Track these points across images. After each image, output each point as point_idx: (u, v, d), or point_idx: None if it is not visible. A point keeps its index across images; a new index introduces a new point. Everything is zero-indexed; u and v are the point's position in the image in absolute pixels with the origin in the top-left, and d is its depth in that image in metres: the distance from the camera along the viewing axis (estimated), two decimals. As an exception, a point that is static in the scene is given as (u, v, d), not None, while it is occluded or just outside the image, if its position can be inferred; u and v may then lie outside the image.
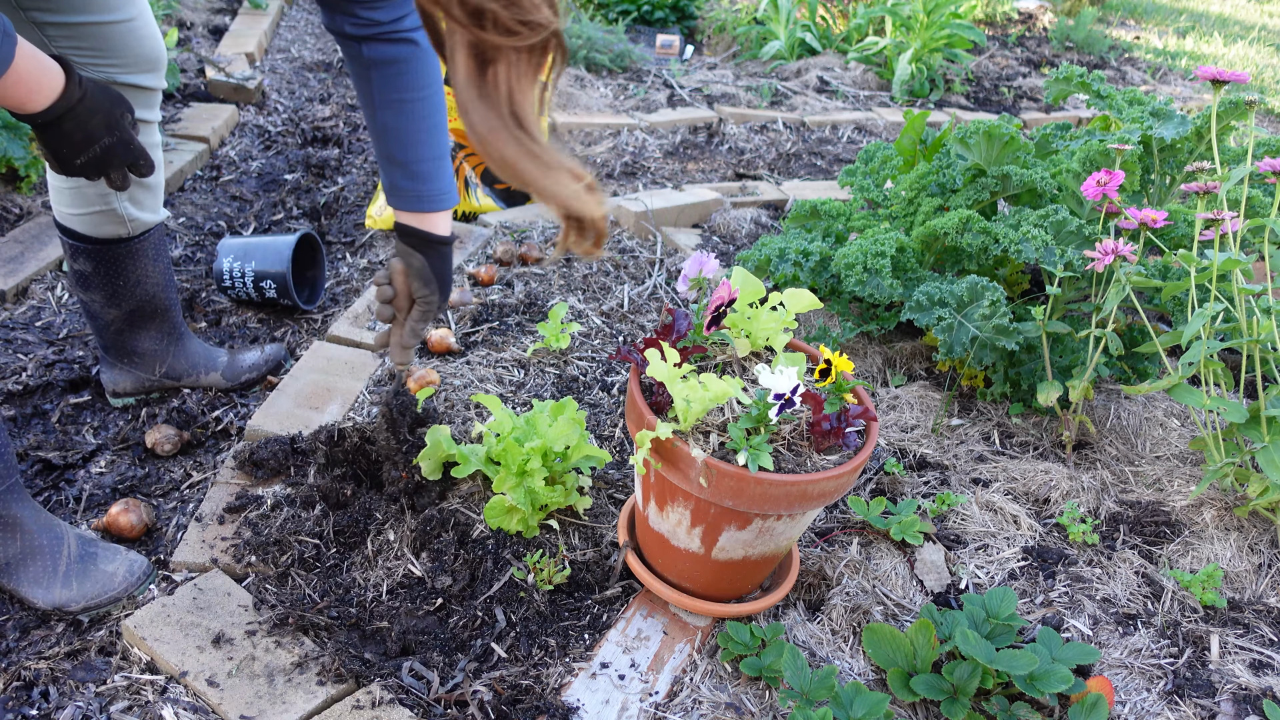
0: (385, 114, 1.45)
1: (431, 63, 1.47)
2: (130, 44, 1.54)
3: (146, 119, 1.64)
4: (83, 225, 1.68)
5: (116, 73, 1.54)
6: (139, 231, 1.73)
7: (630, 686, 1.39)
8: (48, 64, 1.20)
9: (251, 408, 1.95)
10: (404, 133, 1.46)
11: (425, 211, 1.52)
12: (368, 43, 1.43)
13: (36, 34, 1.45)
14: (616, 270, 2.69)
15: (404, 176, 1.49)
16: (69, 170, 1.30)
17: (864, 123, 4.43)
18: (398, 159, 1.48)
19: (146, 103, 1.63)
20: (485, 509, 1.58)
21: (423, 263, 1.52)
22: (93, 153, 1.29)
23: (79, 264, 1.71)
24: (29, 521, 1.43)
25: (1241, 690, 1.48)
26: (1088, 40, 6.22)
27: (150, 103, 1.64)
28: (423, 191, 1.51)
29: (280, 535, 1.58)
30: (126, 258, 1.73)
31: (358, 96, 1.51)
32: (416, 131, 1.47)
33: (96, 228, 1.68)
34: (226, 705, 1.29)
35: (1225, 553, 1.74)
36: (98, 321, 1.81)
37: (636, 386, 1.39)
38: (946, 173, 2.30)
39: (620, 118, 4.09)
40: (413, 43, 1.45)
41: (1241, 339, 1.70)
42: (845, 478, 1.32)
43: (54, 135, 1.25)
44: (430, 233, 1.52)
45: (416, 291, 1.53)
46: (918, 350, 2.34)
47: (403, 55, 1.44)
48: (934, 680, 1.37)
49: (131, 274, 1.75)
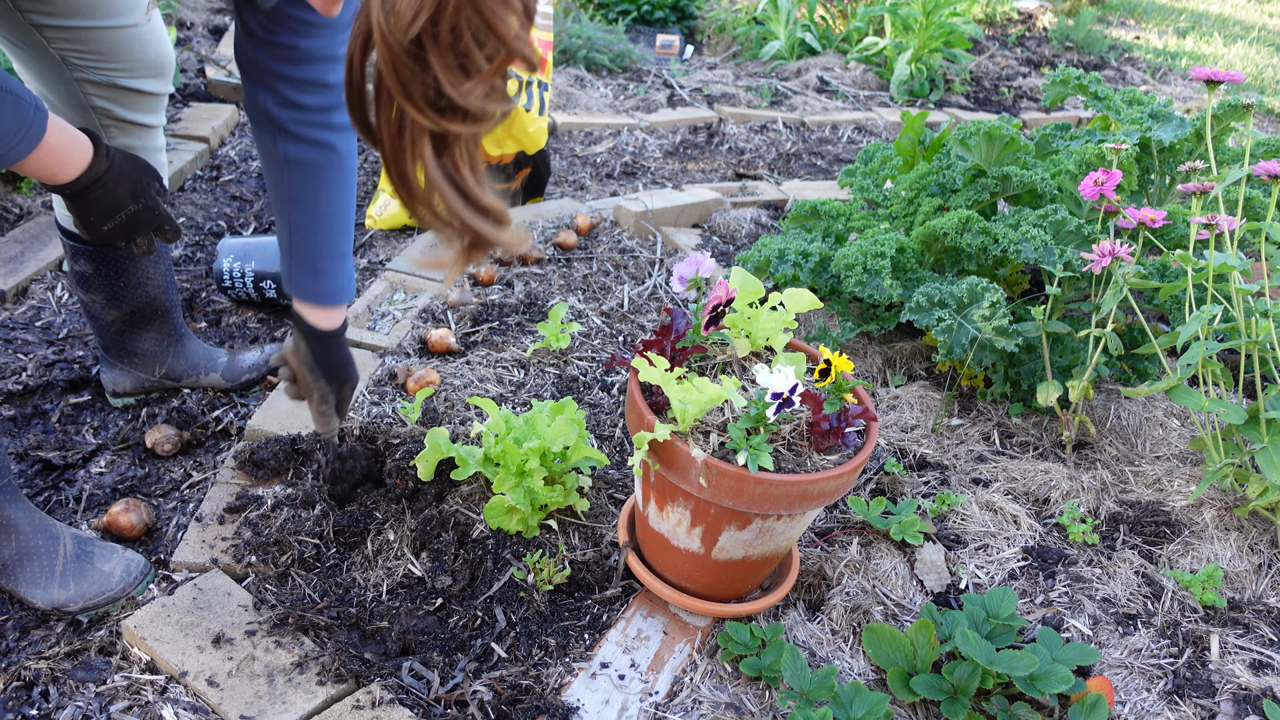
0: (295, 212, 1.43)
1: (348, 168, 1.44)
2: (134, 49, 1.51)
3: (151, 123, 1.62)
4: None
5: (119, 77, 1.52)
6: None
7: (630, 686, 1.40)
8: (77, 136, 1.24)
9: (251, 408, 1.95)
10: (312, 233, 1.45)
11: (321, 305, 1.49)
12: (284, 136, 1.38)
13: (35, 37, 1.43)
14: (616, 270, 2.69)
15: (303, 270, 1.47)
16: (96, 236, 1.33)
17: (864, 123, 4.43)
18: (300, 254, 1.46)
19: (151, 108, 1.60)
20: (485, 509, 1.58)
21: (308, 353, 1.50)
22: (119, 220, 1.32)
23: (80, 265, 1.71)
24: (23, 522, 1.42)
25: (1241, 690, 1.48)
26: (1087, 40, 6.22)
27: (155, 108, 1.61)
28: (320, 288, 1.48)
29: (280, 535, 1.58)
30: (128, 260, 1.73)
31: (266, 182, 1.46)
32: (325, 233, 1.45)
33: None
34: (226, 705, 1.29)
35: (1225, 553, 1.74)
36: (98, 322, 1.81)
37: (636, 387, 1.39)
38: (946, 173, 2.31)
39: (620, 118, 4.09)
40: (330, 147, 1.41)
41: (1240, 340, 1.70)
42: (845, 478, 1.32)
43: (81, 204, 1.29)
44: (315, 326, 1.49)
45: (305, 379, 1.51)
46: (918, 350, 2.34)
47: (320, 160, 1.41)
48: (934, 680, 1.37)
49: (132, 275, 1.75)
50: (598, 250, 2.78)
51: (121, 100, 1.55)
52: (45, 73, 1.48)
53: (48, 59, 1.46)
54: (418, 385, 2.00)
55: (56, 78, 1.48)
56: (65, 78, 1.48)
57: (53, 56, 1.45)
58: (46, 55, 1.45)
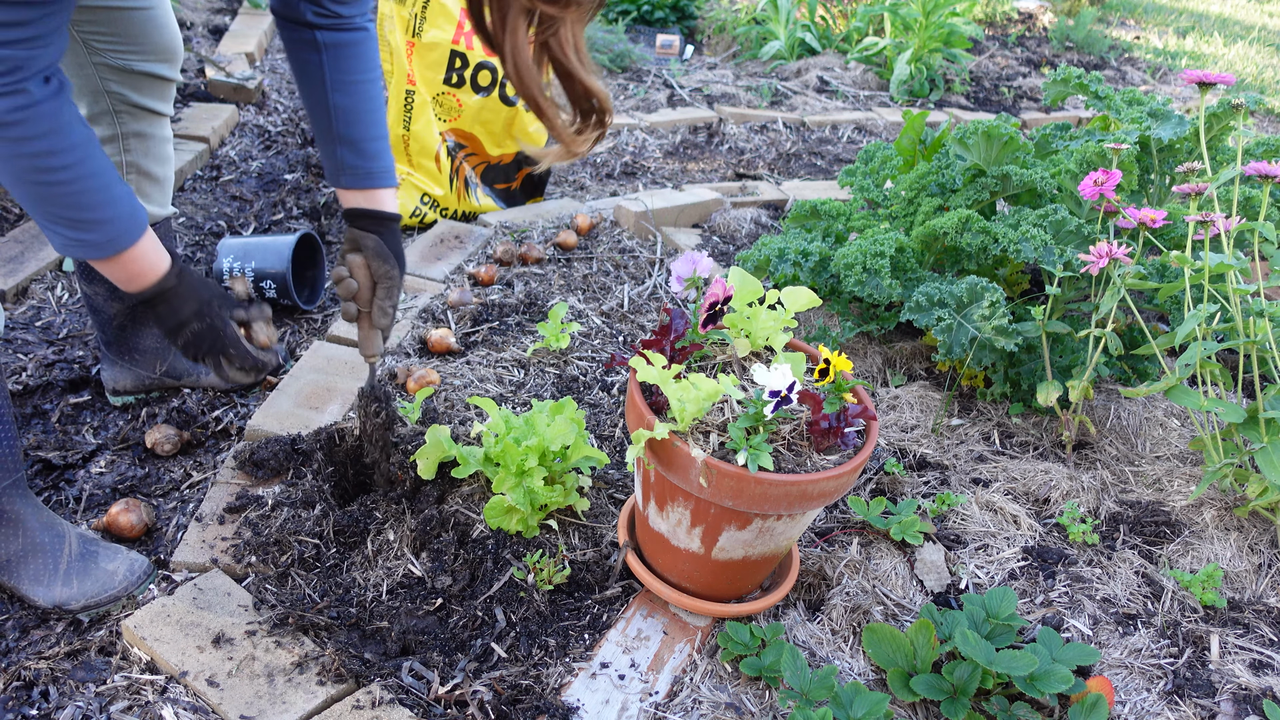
0: (337, 95, 1.50)
1: (375, 47, 1.54)
2: (149, 32, 1.58)
3: (161, 111, 1.67)
4: None
5: (135, 60, 1.56)
6: None
7: (630, 686, 1.40)
8: (162, 253, 1.34)
9: (251, 408, 1.95)
10: (356, 112, 1.51)
11: (375, 188, 1.56)
12: (323, 30, 1.46)
13: None
14: (616, 270, 2.69)
15: (354, 154, 1.53)
16: (174, 344, 1.43)
17: (864, 123, 4.43)
18: (349, 137, 1.52)
19: (163, 95, 1.66)
20: (485, 509, 1.58)
21: (377, 241, 1.55)
22: (185, 335, 1.42)
23: None
24: (31, 519, 1.43)
25: (1241, 690, 1.48)
26: (1087, 40, 6.22)
27: (166, 94, 1.68)
28: (373, 168, 1.55)
29: (280, 535, 1.58)
30: None
31: (297, 81, 1.53)
32: (367, 111, 1.52)
33: None
34: (226, 705, 1.29)
35: (1225, 553, 1.74)
36: (100, 316, 1.81)
37: (636, 387, 1.39)
38: (946, 173, 2.31)
39: (620, 118, 4.09)
40: (365, 29, 1.50)
41: (1238, 339, 1.70)
42: (845, 478, 1.32)
43: (148, 311, 1.39)
44: (382, 210, 1.56)
45: (378, 271, 1.55)
46: (918, 350, 2.34)
47: (356, 39, 1.49)
48: (934, 680, 1.37)
49: None
50: (598, 250, 2.78)
51: (135, 85, 1.61)
52: (66, 56, 1.52)
53: (70, 41, 1.52)
54: (418, 385, 2.00)
55: (76, 62, 1.54)
56: (84, 61, 1.54)
57: (76, 39, 1.52)
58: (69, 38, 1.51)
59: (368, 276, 1.57)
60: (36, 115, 1.15)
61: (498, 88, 2.81)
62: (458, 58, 2.73)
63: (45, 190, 1.22)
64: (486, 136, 2.89)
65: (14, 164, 1.18)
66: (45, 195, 1.22)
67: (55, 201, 1.22)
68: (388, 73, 2.75)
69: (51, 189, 1.22)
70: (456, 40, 2.71)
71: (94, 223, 1.27)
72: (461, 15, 2.70)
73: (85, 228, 1.27)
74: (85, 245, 1.28)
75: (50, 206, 1.23)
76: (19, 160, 1.18)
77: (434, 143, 2.77)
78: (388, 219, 1.59)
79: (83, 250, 1.28)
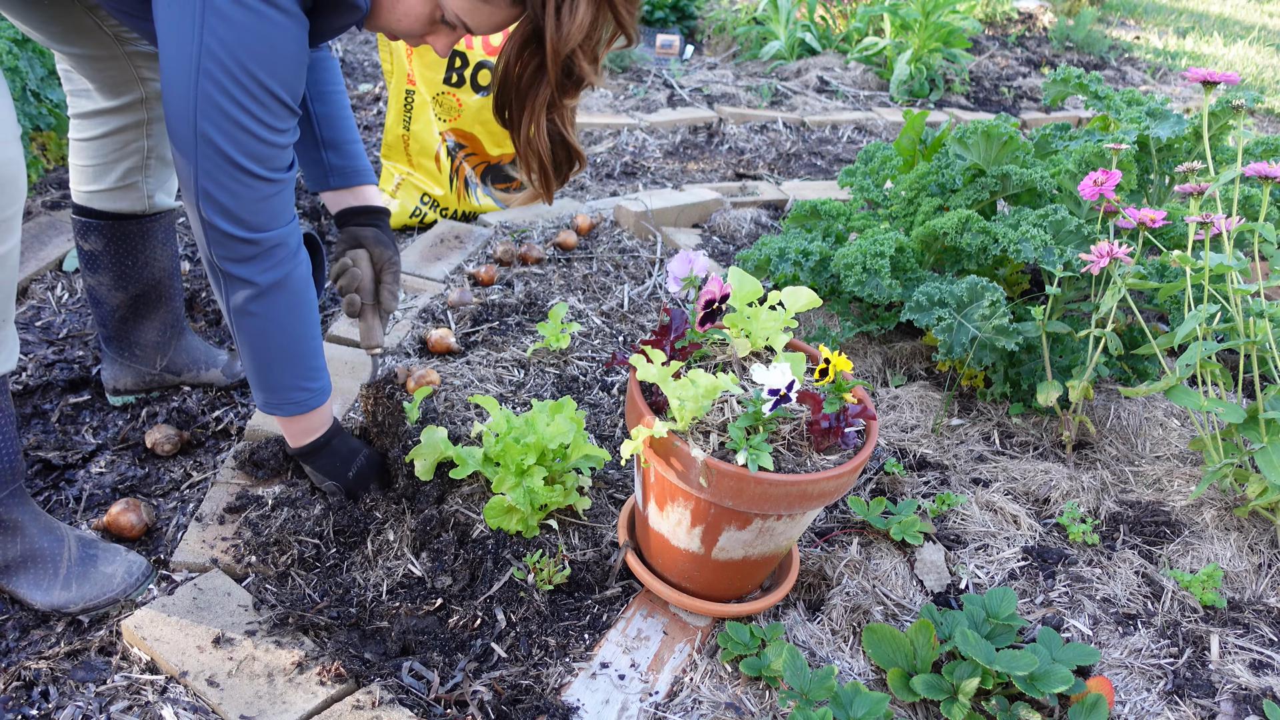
0: (317, 104, 1.63)
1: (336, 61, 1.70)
2: None
3: None
4: (100, 201, 1.71)
5: None
6: (154, 211, 1.77)
7: (630, 686, 1.40)
8: (327, 417, 1.58)
9: (251, 408, 1.95)
10: (334, 118, 1.65)
11: (362, 184, 1.68)
12: None
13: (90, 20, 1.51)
14: (616, 270, 2.69)
15: (338, 156, 1.66)
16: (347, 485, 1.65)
17: (864, 123, 4.43)
18: (332, 141, 1.65)
19: None
20: (485, 509, 1.58)
21: (375, 231, 1.66)
22: (359, 463, 1.64)
23: (90, 243, 1.74)
24: (30, 525, 1.43)
25: (1241, 690, 1.48)
26: (1088, 40, 6.23)
27: None
28: (357, 166, 1.68)
29: (280, 535, 1.58)
30: (138, 236, 1.76)
31: None
32: (343, 118, 1.66)
33: (114, 202, 1.72)
34: (226, 705, 1.29)
35: (1225, 553, 1.74)
36: (103, 308, 1.81)
37: (636, 386, 1.39)
38: (946, 173, 2.31)
39: (620, 118, 4.09)
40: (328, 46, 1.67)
41: (1238, 340, 1.70)
42: (845, 478, 1.32)
43: (327, 455, 1.61)
44: (372, 204, 1.68)
45: (381, 257, 1.65)
46: (918, 350, 2.34)
47: (324, 54, 1.66)
48: (934, 680, 1.37)
49: (141, 254, 1.77)
50: (598, 250, 2.78)
51: None
52: (98, 50, 1.56)
53: (101, 38, 1.54)
54: (417, 385, 2.00)
55: (109, 55, 1.57)
56: (117, 53, 1.57)
57: (106, 35, 1.54)
58: (100, 35, 1.54)
59: (370, 267, 1.65)
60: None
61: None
62: (457, 57, 2.73)
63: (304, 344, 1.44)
64: (486, 136, 2.89)
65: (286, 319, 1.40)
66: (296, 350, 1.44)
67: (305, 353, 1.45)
68: (388, 73, 2.75)
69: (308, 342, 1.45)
70: (456, 40, 2.71)
71: (320, 369, 1.49)
72: (461, 15, 2.70)
73: (317, 375, 1.49)
74: (314, 394, 1.50)
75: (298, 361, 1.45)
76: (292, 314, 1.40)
77: (434, 143, 2.77)
78: (379, 211, 1.69)
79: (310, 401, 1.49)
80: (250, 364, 1.43)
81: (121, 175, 1.69)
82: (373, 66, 4.51)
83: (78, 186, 1.71)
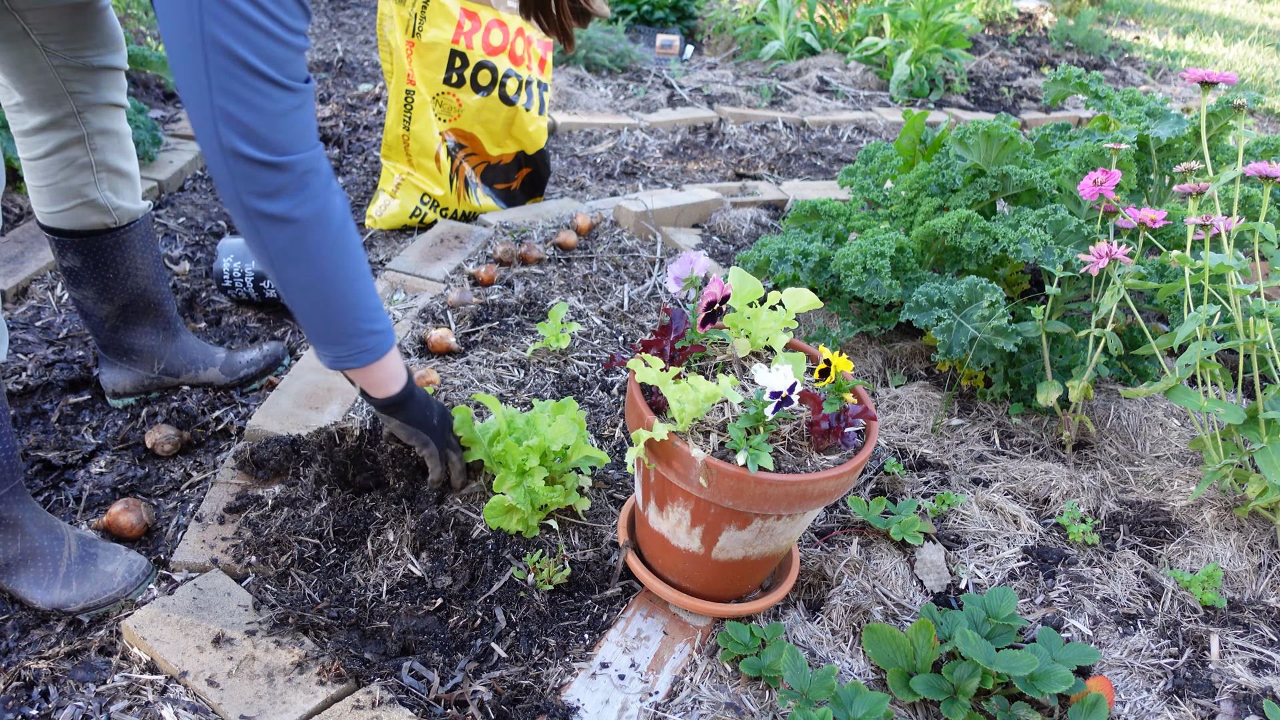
0: None
1: None
2: (101, 25, 1.58)
3: (121, 103, 1.68)
4: (65, 221, 1.68)
5: (92, 56, 1.57)
6: (125, 221, 1.73)
7: (630, 686, 1.40)
8: (401, 366, 1.51)
9: (251, 408, 1.95)
10: None
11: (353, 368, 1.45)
12: None
13: (17, 25, 1.46)
14: (616, 270, 2.69)
15: None
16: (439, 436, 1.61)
17: (864, 123, 4.43)
18: None
19: (120, 85, 1.66)
20: (485, 509, 1.58)
21: (392, 424, 1.58)
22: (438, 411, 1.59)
23: (68, 260, 1.72)
24: (30, 523, 1.43)
25: (1241, 690, 1.48)
26: (1088, 40, 6.23)
27: (122, 85, 1.67)
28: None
29: (280, 535, 1.58)
30: (114, 249, 1.73)
31: None
32: None
33: (79, 220, 1.68)
34: (226, 705, 1.29)
35: (1225, 553, 1.74)
36: (92, 319, 1.81)
37: (636, 388, 1.39)
38: (946, 173, 2.31)
39: (620, 118, 4.09)
40: None
41: (1238, 340, 1.70)
42: (845, 478, 1.32)
43: (415, 405, 1.54)
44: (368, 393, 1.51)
45: (452, 460, 1.65)
46: (918, 350, 2.34)
47: None
48: (934, 680, 1.37)
49: (121, 266, 1.75)
50: (598, 250, 2.78)
51: (95, 81, 1.61)
52: (25, 63, 1.52)
53: (28, 48, 1.50)
54: (417, 384, 2.00)
55: (36, 67, 1.53)
56: (44, 65, 1.53)
57: (34, 44, 1.50)
58: (27, 43, 1.50)
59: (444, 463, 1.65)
60: None
61: (497, 87, 2.81)
62: (457, 57, 2.73)
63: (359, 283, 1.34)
64: (486, 136, 2.89)
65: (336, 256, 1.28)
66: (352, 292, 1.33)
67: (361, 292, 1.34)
68: (388, 73, 2.75)
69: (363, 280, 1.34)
70: (456, 40, 2.71)
71: (379, 309, 1.39)
72: (461, 15, 2.70)
73: (379, 314, 1.39)
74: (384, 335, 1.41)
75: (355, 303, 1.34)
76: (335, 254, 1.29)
77: (434, 143, 2.77)
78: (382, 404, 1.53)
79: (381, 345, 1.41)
80: (310, 317, 1.31)
81: (77, 193, 1.66)
82: (373, 66, 4.51)
83: (39, 208, 1.68)
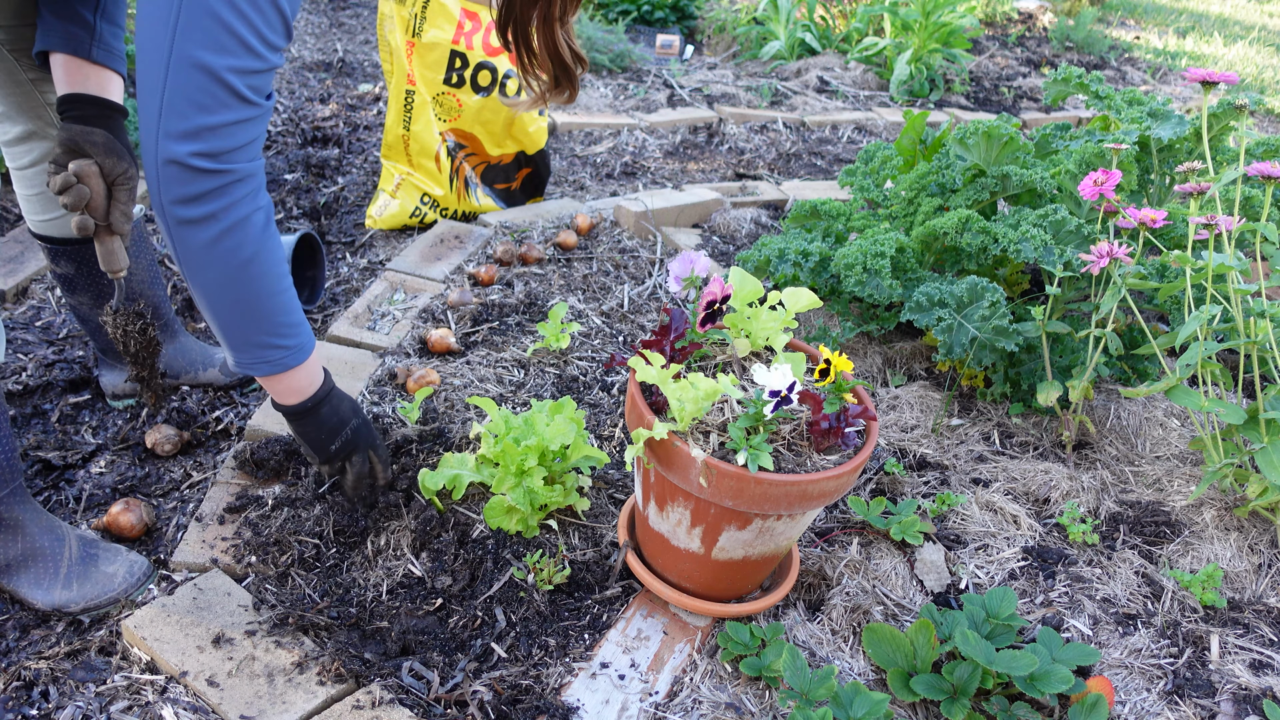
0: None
1: None
2: None
3: None
4: (56, 229, 1.67)
5: None
6: None
7: (630, 686, 1.40)
8: (319, 368, 1.48)
9: (251, 408, 1.95)
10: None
11: (114, 71, 1.46)
12: None
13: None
14: (616, 270, 2.69)
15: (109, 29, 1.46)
16: (326, 457, 1.55)
17: (864, 123, 4.43)
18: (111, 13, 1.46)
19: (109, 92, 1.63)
20: (485, 509, 1.58)
21: (107, 137, 1.40)
22: (346, 434, 1.53)
23: (61, 267, 1.71)
24: (30, 524, 1.43)
25: (1241, 690, 1.48)
26: (1088, 40, 6.23)
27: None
28: (121, 51, 1.47)
29: (280, 535, 1.58)
30: None
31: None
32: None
33: (70, 228, 1.67)
34: (226, 705, 1.29)
35: (1225, 553, 1.74)
36: (89, 324, 1.80)
37: (636, 387, 1.39)
38: (946, 173, 2.31)
39: (620, 118, 4.09)
40: None
41: (1239, 340, 1.70)
42: (845, 478, 1.32)
43: (309, 420, 1.49)
44: (112, 100, 1.44)
45: (113, 171, 1.41)
46: (918, 350, 2.34)
47: None
48: (934, 680, 1.37)
49: None
50: (598, 250, 2.78)
51: None
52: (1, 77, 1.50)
53: (4, 63, 1.49)
54: (417, 385, 2.00)
55: (13, 81, 1.52)
56: (21, 80, 1.52)
57: (7, 58, 1.49)
58: (3, 59, 1.48)
59: (101, 182, 1.41)
60: None
61: (497, 88, 2.81)
62: (458, 58, 2.73)
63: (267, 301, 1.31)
64: (486, 136, 2.89)
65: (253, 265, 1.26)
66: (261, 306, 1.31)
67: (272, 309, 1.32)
68: (388, 73, 2.75)
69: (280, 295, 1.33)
70: (456, 40, 2.71)
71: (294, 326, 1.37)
72: (461, 15, 2.70)
73: (293, 331, 1.37)
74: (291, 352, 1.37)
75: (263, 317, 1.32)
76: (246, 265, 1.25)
77: (434, 143, 2.77)
78: (115, 110, 1.45)
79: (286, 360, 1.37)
80: (217, 318, 1.28)
81: None
82: (373, 67, 4.51)
83: (30, 216, 1.67)
